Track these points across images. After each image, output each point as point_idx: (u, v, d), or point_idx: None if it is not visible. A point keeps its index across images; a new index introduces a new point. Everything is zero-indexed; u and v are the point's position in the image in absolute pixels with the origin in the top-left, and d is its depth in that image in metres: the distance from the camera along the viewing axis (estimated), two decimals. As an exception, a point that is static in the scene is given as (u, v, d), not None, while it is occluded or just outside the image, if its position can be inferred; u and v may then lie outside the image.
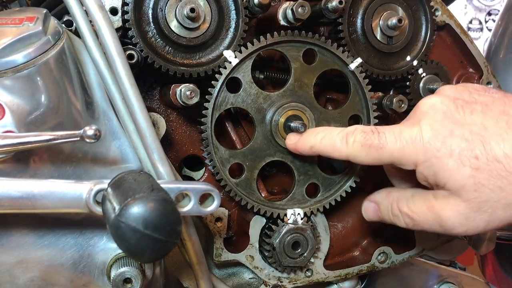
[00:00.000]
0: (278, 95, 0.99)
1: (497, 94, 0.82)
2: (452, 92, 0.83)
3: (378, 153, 0.83)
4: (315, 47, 0.99)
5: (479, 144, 0.76)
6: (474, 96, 0.82)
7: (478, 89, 0.84)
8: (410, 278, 1.28)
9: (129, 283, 0.82)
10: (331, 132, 0.90)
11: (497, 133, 0.76)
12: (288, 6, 0.95)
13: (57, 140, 0.72)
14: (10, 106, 0.74)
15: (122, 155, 0.85)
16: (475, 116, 0.79)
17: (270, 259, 1.03)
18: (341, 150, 0.87)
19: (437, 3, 1.11)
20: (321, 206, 1.04)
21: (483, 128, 0.77)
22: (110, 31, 0.79)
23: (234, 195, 0.98)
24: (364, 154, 0.84)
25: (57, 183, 0.74)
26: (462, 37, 1.16)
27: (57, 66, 0.78)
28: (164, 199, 0.66)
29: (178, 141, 1.04)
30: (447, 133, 0.78)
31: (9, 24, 0.76)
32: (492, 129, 0.76)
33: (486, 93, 0.83)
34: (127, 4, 0.88)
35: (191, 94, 0.90)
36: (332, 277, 1.11)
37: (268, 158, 0.99)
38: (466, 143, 0.77)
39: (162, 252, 0.66)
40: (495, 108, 0.79)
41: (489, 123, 0.77)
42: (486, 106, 0.79)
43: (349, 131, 0.87)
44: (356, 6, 1.03)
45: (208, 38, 0.94)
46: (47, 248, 0.82)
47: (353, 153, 0.86)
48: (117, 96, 0.82)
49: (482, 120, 0.78)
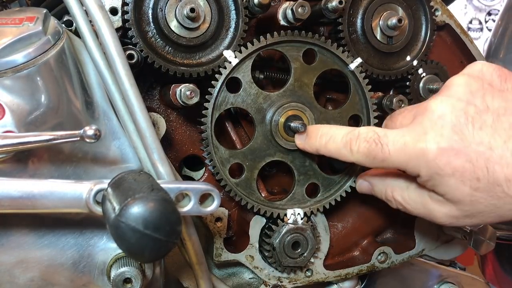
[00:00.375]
0: (278, 95, 0.99)
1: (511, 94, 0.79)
2: (464, 94, 0.80)
3: (383, 163, 0.84)
4: (315, 47, 0.99)
5: (483, 167, 0.76)
6: (487, 101, 0.78)
7: (494, 84, 0.80)
8: (410, 278, 1.28)
9: (129, 283, 0.82)
10: (335, 137, 0.89)
11: (502, 156, 0.75)
12: (288, 6, 0.95)
13: (57, 140, 0.72)
14: (10, 106, 0.74)
15: (122, 155, 0.85)
16: (484, 133, 0.77)
17: (270, 259, 1.03)
18: (347, 157, 0.88)
19: (437, 3, 1.11)
20: (321, 206, 1.04)
21: (490, 149, 0.76)
22: (110, 31, 0.79)
23: (234, 195, 0.98)
24: (368, 162, 0.86)
25: (57, 183, 0.74)
26: (462, 37, 1.16)
27: (57, 66, 0.78)
28: (164, 199, 0.66)
29: (178, 141, 1.04)
30: (452, 153, 0.77)
31: (9, 24, 0.76)
32: (498, 151, 0.76)
33: (501, 93, 0.79)
34: (127, 4, 0.88)
35: (191, 94, 0.90)
36: (332, 277, 1.11)
37: (268, 158, 0.99)
38: (470, 165, 0.76)
39: (162, 252, 0.66)
40: (506, 120, 0.77)
41: (497, 143, 0.76)
42: (497, 118, 0.77)
43: (352, 138, 0.86)
44: (356, 6, 1.03)
45: (208, 38, 0.94)
46: (47, 248, 0.82)
47: (358, 160, 0.87)
48: (117, 96, 0.82)
49: (490, 138, 0.76)
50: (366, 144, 0.84)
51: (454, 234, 1.17)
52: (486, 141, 0.76)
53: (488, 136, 0.76)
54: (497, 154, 0.76)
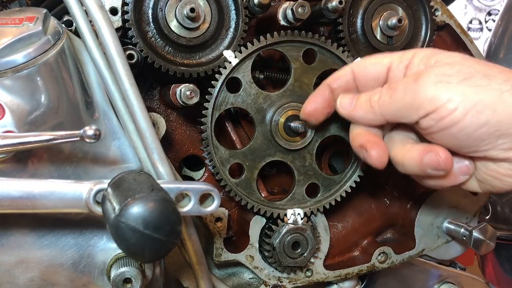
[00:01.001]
0: (278, 95, 0.99)
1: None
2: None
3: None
4: (315, 47, 0.99)
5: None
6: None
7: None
8: (410, 278, 1.28)
9: (129, 283, 0.82)
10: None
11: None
12: (288, 6, 0.95)
13: (57, 140, 0.72)
14: (10, 106, 0.74)
15: (122, 155, 0.85)
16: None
17: (270, 259, 1.03)
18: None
19: (437, 3, 1.11)
20: (321, 206, 1.04)
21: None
22: (110, 31, 0.79)
23: (234, 195, 0.98)
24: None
25: (57, 183, 0.74)
26: (462, 37, 1.16)
27: (57, 66, 0.78)
28: (164, 199, 0.66)
29: (178, 141, 1.04)
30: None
31: (9, 24, 0.76)
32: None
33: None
34: (127, 4, 0.88)
35: (191, 94, 0.90)
36: (332, 277, 1.11)
37: (268, 158, 1.00)
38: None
39: (162, 252, 0.66)
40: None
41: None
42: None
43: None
44: (356, 6, 1.03)
45: (208, 38, 0.94)
46: (47, 248, 0.82)
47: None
48: (117, 96, 0.82)
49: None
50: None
51: (454, 234, 1.17)
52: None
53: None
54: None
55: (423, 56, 0.82)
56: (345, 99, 0.88)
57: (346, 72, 0.89)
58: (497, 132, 0.74)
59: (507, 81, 0.74)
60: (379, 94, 0.83)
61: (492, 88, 0.73)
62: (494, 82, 0.74)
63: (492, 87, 0.73)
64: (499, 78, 0.75)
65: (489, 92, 0.73)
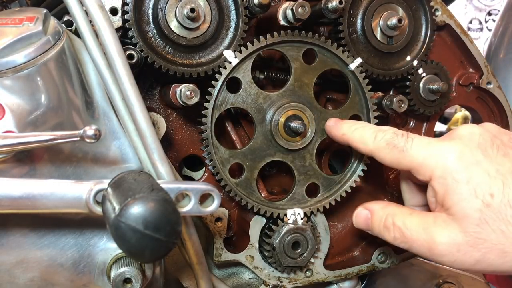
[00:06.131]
0: (278, 95, 0.99)
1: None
2: (494, 130, 0.83)
3: (400, 155, 0.84)
4: (315, 47, 0.99)
5: (500, 184, 0.76)
6: (504, 140, 0.81)
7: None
8: (410, 278, 1.28)
9: (129, 283, 0.82)
10: (366, 126, 0.92)
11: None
12: (288, 6, 0.95)
13: (57, 140, 0.72)
14: (10, 106, 0.74)
15: (122, 155, 0.85)
16: (507, 159, 0.78)
17: (270, 259, 1.03)
18: (367, 144, 0.88)
19: (437, 3, 1.11)
20: (321, 206, 1.04)
21: (510, 172, 0.76)
22: (110, 31, 0.80)
23: (234, 195, 0.98)
24: (386, 152, 0.85)
25: (57, 183, 0.74)
26: (462, 37, 1.16)
27: (57, 66, 0.78)
28: (164, 199, 0.66)
29: (178, 141, 1.04)
30: (473, 162, 0.78)
31: (9, 24, 0.76)
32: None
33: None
34: (127, 4, 0.88)
35: (191, 94, 0.90)
36: (332, 277, 1.11)
37: (268, 158, 1.00)
38: (487, 178, 0.76)
39: (162, 252, 0.66)
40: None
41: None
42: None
43: (382, 129, 0.89)
44: (356, 6, 1.03)
45: (208, 38, 0.94)
46: (47, 248, 0.82)
47: (377, 148, 0.87)
48: (117, 96, 0.82)
49: (511, 164, 0.77)
50: (393, 134, 0.86)
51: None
52: (508, 165, 0.77)
53: (510, 163, 0.77)
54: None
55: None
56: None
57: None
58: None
59: None
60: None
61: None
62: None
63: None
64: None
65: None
